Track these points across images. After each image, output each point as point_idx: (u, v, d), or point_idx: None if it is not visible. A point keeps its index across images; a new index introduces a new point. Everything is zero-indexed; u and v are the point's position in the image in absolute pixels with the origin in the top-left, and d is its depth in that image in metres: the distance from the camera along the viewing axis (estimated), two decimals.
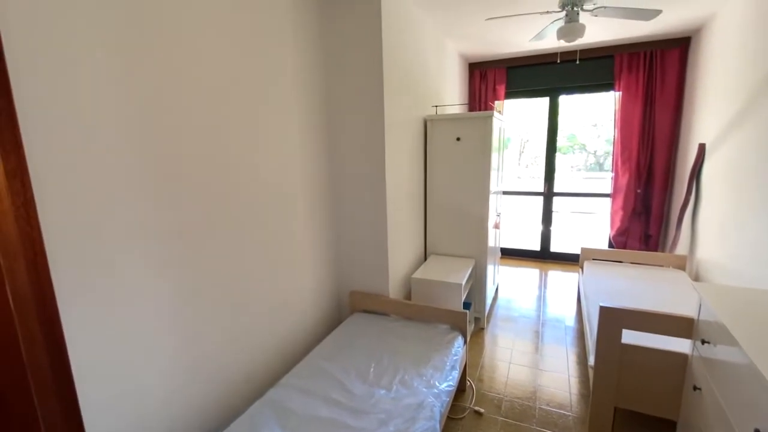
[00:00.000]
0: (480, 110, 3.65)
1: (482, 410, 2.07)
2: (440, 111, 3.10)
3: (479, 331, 2.96)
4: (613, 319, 1.74)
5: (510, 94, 4.39)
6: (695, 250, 3.08)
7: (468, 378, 2.32)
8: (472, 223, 2.86)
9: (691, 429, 1.53)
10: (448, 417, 1.96)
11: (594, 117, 9.49)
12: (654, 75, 3.69)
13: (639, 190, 3.94)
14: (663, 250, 3.89)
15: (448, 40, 3.52)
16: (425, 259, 3.04)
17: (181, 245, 1.40)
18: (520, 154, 10.49)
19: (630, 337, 1.75)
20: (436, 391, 1.63)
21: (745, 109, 2.34)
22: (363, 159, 2.27)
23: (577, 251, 4.26)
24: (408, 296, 2.68)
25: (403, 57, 2.43)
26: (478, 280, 2.96)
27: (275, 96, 1.84)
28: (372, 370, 1.77)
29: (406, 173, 2.58)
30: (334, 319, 2.48)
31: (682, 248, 3.34)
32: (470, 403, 2.13)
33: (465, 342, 2.13)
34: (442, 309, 2.19)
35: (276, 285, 1.92)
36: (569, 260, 4.55)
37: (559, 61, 3.91)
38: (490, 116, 2.64)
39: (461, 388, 2.21)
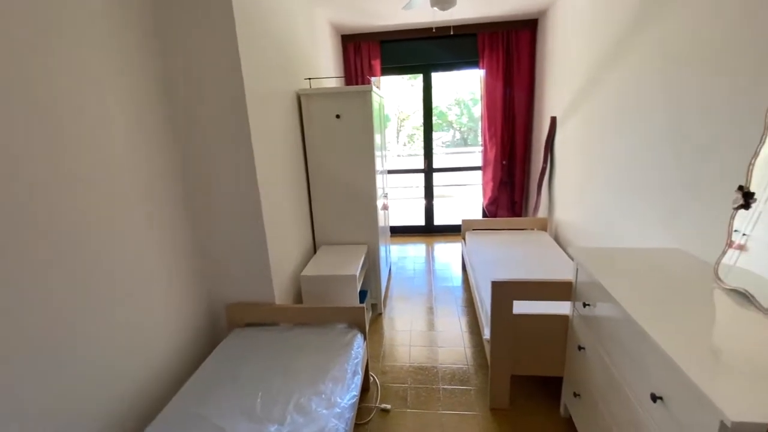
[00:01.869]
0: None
1: (389, 407, 1.95)
2: (315, 85, 2.78)
3: (377, 317, 2.85)
4: (504, 293, 1.76)
5: (386, 70, 4.28)
6: (553, 213, 3.49)
7: (371, 374, 2.18)
8: (361, 207, 2.68)
9: (577, 383, 1.65)
10: (354, 423, 1.78)
11: (458, 95, 10.27)
12: (511, 54, 3.99)
13: (504, 162, 4.31)
14: (527, 215, 4.37)
15: (317, 8, 3.17)
16: (315, 251, 2.76)
17: None
18: (398, 132, 10.79)
19: (518, 306, 1.80)
20: (338, 410, 1.41)
21: (588, 84, 2.63)
22: (224, 144, 1.83)
23: (457, 222, 4.52)
24: (299, 298, 2.38)
25: (264, 19, 2.02)
26: (372, 266, 2.82)
27: (73, 64, 1.28)
28: (259, 401, 1.45)
29: (281, 157, 2.22)
30: (209, 343, 2.03)
31: (542, 212, 3.77)
32: (376, 402, 1.99)
33: (365, 338, 1.96)
34: (338, 307, 1.96)
35: (112, 321, 1.41)
36: (452, 231, 4.80)
37: (434, 30, 3.90)
38: (369, 91, 2.44)
39: (365, 387, 2.06)
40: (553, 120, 3.41)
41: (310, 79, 2.62)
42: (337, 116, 2.50)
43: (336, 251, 2.62)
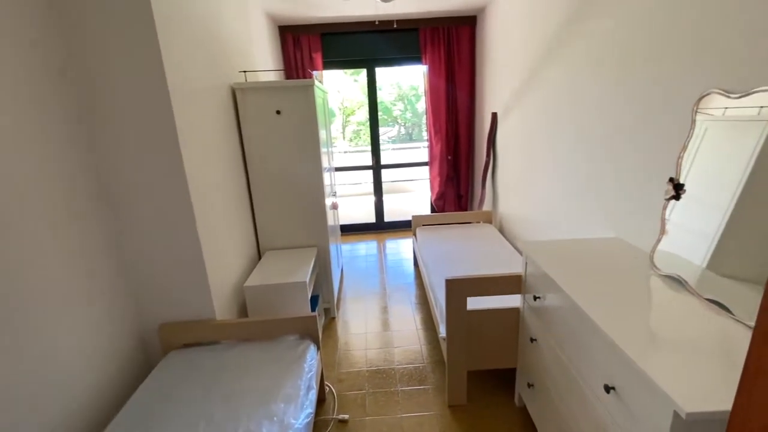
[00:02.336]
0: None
1: (347, 417, 1.87)
2: (251, 78, 2.58)
3: (331, 322, 2.75)
4: (458, 290, 1.75)
5: (328, 64, 4.13)
6: (497, 206, 3.60)
7: (327, 383, 2.08)
8: (308, 207, 2.54)
9: (530, 373, 1.68)
10: None
11: (401, 90, 10.34)
12: (452, 50, 4.04)
13: (450, 157, 4.37)
14: (473, 208, 4.49)
15: None
16: (260, 258, 2.58)
17: None
18: (344, 128, 10.63)
19: (471, 302, 1.80)
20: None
21: (526, 81, 2.72)
22: (147, 148, 1.61)
23: (408, 218, 4.53)
24: (244, 311, 2.20)
25: (188, 5, 1.80)
26: (323, 269, 2.70)
27: None
28: None
29: (216, 159, 2.02)
30: (140, 370, 1.80)
31: (487, 204, 3.88)
32: (333, 414, 1.90)
33: (318, 348, 1.85)
34: (287, 318, 1.83)
35: (18, 358, 1.17)
36: (403, 227, 4.80)
37: (376, 23, 3.82)
38: (311, 85, 2.31)
39: (321, 398, 1.96)
40: (494, 115, 3.51)
41: (245, 72, 2.42)
42: (278, 112, 2.34)
43: (283, 256, 2.47)
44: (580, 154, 2.04)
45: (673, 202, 1.32)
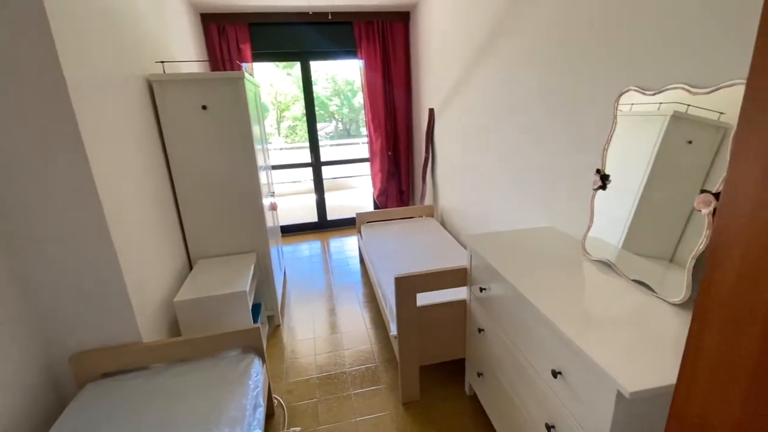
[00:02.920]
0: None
1: (298, 429, 1.77)
2: (171, 70, 2.33)
3: (276, 330, 2.61)
4: (407, 287, 1.74)
5: (258, 56, 3.89)
6: (438, 200, 3.68)
7: (275, 396, 1.96)
8: (244, 209, 2.37)
9: (479, 363, 1.73)
10: None
11: (337, 85, 10.18)
12: (388, 45, 4.03)
13: (390, 153, 4.38)
14: (414, 203, 4.55)
15: None
16: (191, 268, 2.35)
17: None
18: (279, 124, 10.21)
19: (420, 297, 1.80)
20: None
21: (461, 77, 2.79)
22: (43, 152, 1.36)
23: (351, 215, 4.47)
24: (176, 329, 1.99)
25: None
26: (264, 274, 2.55)
27: None
28: None
29: (132, 161, 1.79)
30: (52, 409, 1.54)
31: (428, 199, 3.95)
32: (283, 428, 1.79)
33: (264, 361, 1.73)
34: (226, 332, 1.68)
35: None
36: (347, 225, 4.73)
37: (310, 13, 3.66)
38: (241, 77, 2.14)
39: (270, 413, 1.85)
40: (431, 111, 3.57)
41: (162, 62, 2.17)
42: (204, 107, 2.13)
43: (218, 265, 2.28)
44: (514, 148, 2.13)
45: (600, 191, 1.42)
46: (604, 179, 1.39)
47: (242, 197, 2.34)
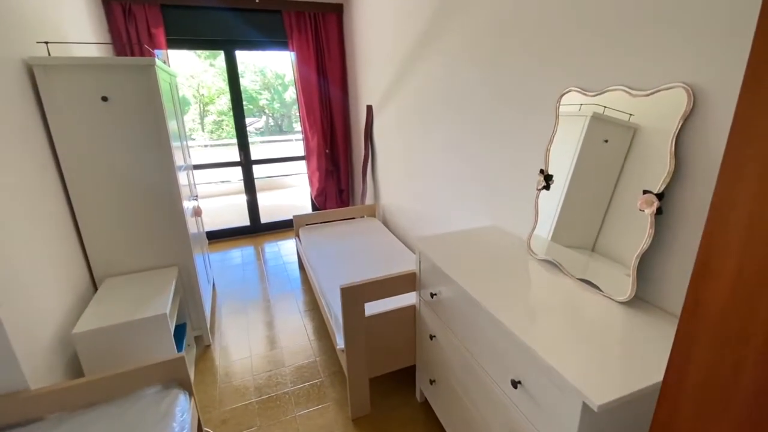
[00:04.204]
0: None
1: None
2: (60, 52, 1.93)
3: (205, 351, 2.32)
4: (354, 297, 1.62)
5: (174, 43, 3.46)
6: (379, 198, 3.60)
7: (206, 430, 1.73)
8: (161, 217, 2.05)
9: (431, 370, 1.67)
10: None
11: (266, 78, 9.64)
12: (321, 39, 3.83)
13: (327, 150, 4.20)
14: (354, 202, 4.43)
15: None
16: (96, 289, 1.98)
17: None
18: (202, 119, 9.40)
19: (368, 306, 1.70)
20: None
21: (400, 73, 2.72)
22: None
23: (288, 216, 4.22)
24: (76, 367, 1.65)
25: None
26: (189, 289, 2.25)
27: None
28: None
29: (2, 167, 1.43)
30: None
31: (369, 198, 3.86)
32: None
33: (191, 394, 1.49)
34: (141, 366, 1.42)
35: None
36: (283, 227, 4.45)
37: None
38: (152, 64, 1.83)
39: None
40: (369, 108, 3.47)
41: (46, 42, 1.78)
42: (104, 98, 1.79)
43: (130, 284, 1.94)
44: (455, 145, 2.11)
45: (544, 191, 1.42)
46: (548, 179, 1.39)
47: (158, 202, 2.03)
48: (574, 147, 1.31)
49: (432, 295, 1.54)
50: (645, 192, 1.04)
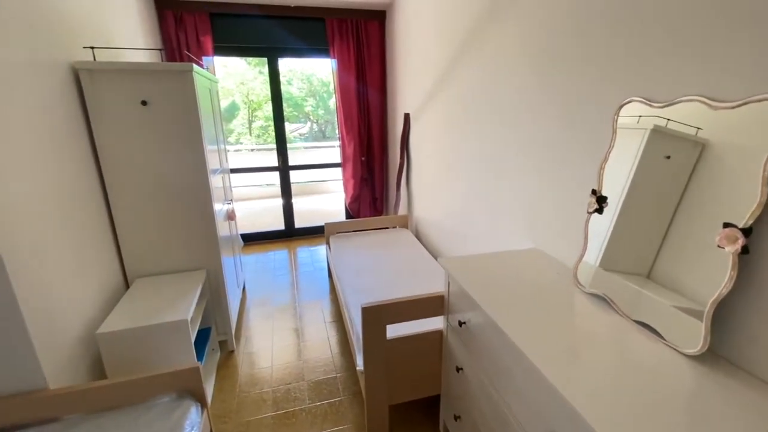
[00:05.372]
0: None
1: None
2: (106, 57, 2.01)
3: (229, 356, 2.31)
4: (376, 318, 1.51)
5: (220, 50, 3.57)
6: (413, 209, 3.48)
7: None
8: (192, 219, 2.07)
9: (457, 406, 1.52)
10: None
11: (312, 85, 9.86)
12: (362, 46, 3.80)
13: (363, 158, 4.15)
14: (388, 212, 4.34)
15: None
16: (128, 287, 2.03)
17: None
18: (251, 124, 9.77)
19: (391, 326, 1.58)
20: None
21: (440, 81, 2.60)
22: None
23: (322, 222, 4.20)
24: (99, 368, 1.67)
25: None
26: (215, 294, 2.25)
27: None
28: None
29: (43, 164, 1.47)
30: None
31: (402, 208, 3.75)
32: None
33: (204, 407, 1.45)
34: (157, 374, 1.39)
35: None
36: (316, 233, 4.45)
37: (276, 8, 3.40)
38: (189, 70, 1.85)
39: None
40: (407, 116, 3.37)
41: (92, 48, 1.85)
42: (144, 102, 1.83)
43: (158, 285, 1.96)
44: (497, 159, 1.95)
45: (596, 214, 1.24)
46: (601, 201, 1.21)
47: (190, 205, 2.04)
48: (630, 164, 1.14)
49: (461, 323, 1.39)
50: (726, 225, 0.85)
